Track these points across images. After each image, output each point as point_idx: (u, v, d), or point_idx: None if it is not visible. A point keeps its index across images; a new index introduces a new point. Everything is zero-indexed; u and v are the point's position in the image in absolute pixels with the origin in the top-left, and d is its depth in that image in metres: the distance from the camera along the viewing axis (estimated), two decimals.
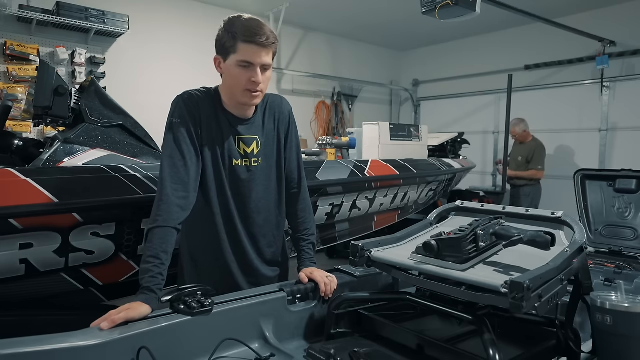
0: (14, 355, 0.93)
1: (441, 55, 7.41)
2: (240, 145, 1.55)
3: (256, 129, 1.59)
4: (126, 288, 2.09)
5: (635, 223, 2.38)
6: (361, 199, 3.12)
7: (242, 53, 1.42)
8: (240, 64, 1.43)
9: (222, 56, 1.48)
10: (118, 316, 1.12)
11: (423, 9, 3.19)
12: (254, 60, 1.43)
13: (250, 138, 1.57)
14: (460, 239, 1.17)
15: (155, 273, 1.28)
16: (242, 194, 1.56)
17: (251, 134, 1.57)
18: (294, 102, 1.83)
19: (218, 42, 1.48)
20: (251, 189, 1.57)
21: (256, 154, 1.57)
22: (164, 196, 1.38)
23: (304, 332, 1.44)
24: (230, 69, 1.46)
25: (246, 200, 1.57)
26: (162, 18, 5.22)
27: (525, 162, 5.30)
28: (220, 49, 1.47)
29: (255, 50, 1.42)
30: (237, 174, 1.55)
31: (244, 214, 1.58)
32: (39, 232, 1.72)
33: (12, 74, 4.12)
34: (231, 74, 1.46)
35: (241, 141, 1.55)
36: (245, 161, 1.55)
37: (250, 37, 1.40)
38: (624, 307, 1.16)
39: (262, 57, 1.43)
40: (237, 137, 1.55)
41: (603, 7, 5.48)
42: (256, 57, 1.42)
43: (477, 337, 1.11)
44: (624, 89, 5.41)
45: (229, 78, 1.48)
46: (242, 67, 1.43)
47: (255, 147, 1.57)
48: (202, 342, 1.19)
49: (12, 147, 2.31)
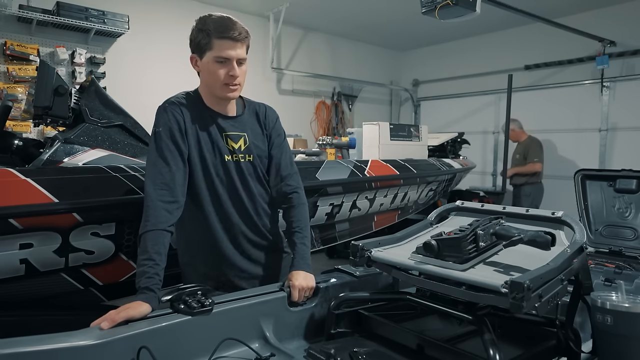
0: (14, 355, 0.94)
1: (441, 55, 7.41)
2: (228, 141, 1.59)
3: (243, 126, 1.63)
4: (126, 288, 2.08)
5: (635, 223, 2.38)
6: (361, 199, 3.12)
7: (217, 49, 1.48)
8: (217, 59, 1.49)
9: (198, 54, 1.54)
10: (118, 315, 1.12)
11: (423, 9, 3.19)
12: (230, 55, 1.49)
13: (238, 135, 1.61)
14: (461, 239, 1.17)
15: (152, 273, 1.29)
16: (234, 189, 1.60)
17: (238, 131, 1.62)
18: (294, 102, 1.84)
19: (192, 41, 1.54)
20: (243, 184, 1.61)
21: (243, 150, 1.61)
22: (149, 202, 1.41)
23: (304, 332, 1.44)
24: (207, 66, 1.52)
25: (239, 195, 1.60)
26: (162, 18, 5.22)
27: (523, 159, 5.35)
28: (196, 48, 1.53)
29: (230, 44, 1.48)
30: (228, 170, 1.58)
31: (237, 207, 1.60)
32: (39, 232, 1.71)
33: (12, 74, 4.12)
34: (209, 70, 1.52)
35: (228, 138, 1.59)
36: (234, 156, 1.59)
37: (224, 33, 1.47)
38: (624, 307, 1.16)
39: (236, 51, 1.49)
40: (224, 134, 1.59)
41: (603, 7, 5.48)
42: (231, 51, 1.48)
43: (477, 337, 1.11)
44: (624, 89, 5.41)
45: (207, 75, 1.53)
46: (218, 63, 1.49)
47: (242, 143, 1.62)
48: (202, 341, 1.19)
49: (12, 147, 2.31)
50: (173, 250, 1.56)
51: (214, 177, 1.57)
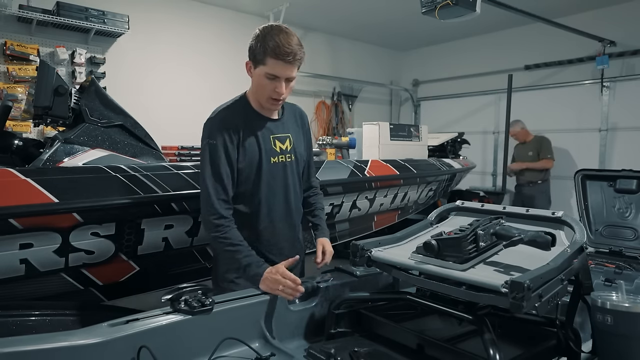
0: (15, 354, 0.94)
1: (441, 55, 7.41)
2: (276, 143, 1.72)
3: (287, 128, 1.77)
4: (126, 288, 2.09)
5: (635, 223, 2.38)
6: (361, 199, 3.12)
7: (269, 67, 1.56)
8: (267, 75, 1.58)
9: (253, 63, 1.63)
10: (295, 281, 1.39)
11: (423, 9, 3.19)
12: (280, 74, 1.58)
13: (284, 136, 1.75)
14: (461, 239, 1.17)
15: (246, 253, 1.53)
16: (278, 187, 1.72)
17: (284, 133, 1.75)
18: (294, 102, 1.86)
19: (251, 50, 1.61)
20: (287, 183, 1.74)
21: (289, 150, 1.75)
22: (215, 212, 1.58)
23: (304, 331, 1.44)
24: (258, 78, 1.62)
25: (283, 193, 1.73)
26: (162, 18, 5.22)
27: (536, 156, 5.39)
28: (252, 57, 1.62)
29: (282, 66, 1.56)
30: (276, 170, 1.70)
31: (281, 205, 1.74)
32: (39, 232, 1.72)
33: (12, 74, 4.11)
34: (258, 82, 1.62)
35: (276, 139, 1.72)
36: (281, 157, 1.72)
37: (279, 56, 1.54)
38: (624, 307, 1.16)
39: (287, 72, 1.58)
40: (271, 137, 1.71)
41: (603, 7, 5.48)
42: (282, 71, 1.57)
43: (477, 337, 1.11)
44: (624, 89, 5.40)
45: (256, 85, 1.65)
46: (268, 79, 1.59)
47: (288, 144, 1.75)
48: (202, 341, 1.19)
49: (12, 147, 2.31)
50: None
51: (262, 178, 1.67)
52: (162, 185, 1.95)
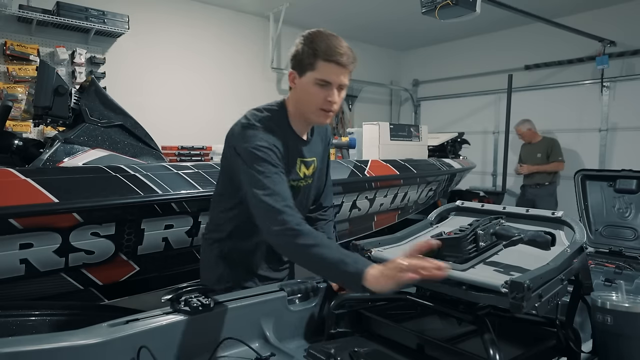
0: (14, 354, 0.93)
1: (441, 55, 7.41)
2: (301, 168, 1.53)
3: (314, 152, 1.59)
4: (126, 288, 2.09)
5: (635, 223, 2.38)
6: (361, 199, 3.12)
7: (321, 71, 1.39)
8: (318, 82, 1.40)
9: (298, 71, 1.44)
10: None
11: (423, 9, 3.19)
12: (333, 80, 1.40)
13: (310, 161, 1.57)
14: (461, 239, 1.17)
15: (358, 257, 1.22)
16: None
17: (311, 156, 1.57)
18: None
19: (295, 57, 1.43)
20: (301, 206, 1.55)
21: (310, 175, 1.57)
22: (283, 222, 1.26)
23: (304, 331, 1.43)
24: (305, 86, 1.42)
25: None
26: (162, 18, 5.22)
27: (545, 158, 5.33)
28: (297, 65, 1.43)
29: (335, 69, 1.39)
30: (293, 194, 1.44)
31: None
32: (39, 232, 1.72)
33: (12, 74, 4.12)
34: (307, 91, 1.42)
35: (303, 164, 1.54)
36: (301, 182, 1.54)
37: (332, 56, 1.38)
38: (624, 307, 1.16)
39: (340, 77, 1.41)
40: (299, 160, 1.52)
41: (603, 7, 5.48)
42: (335, 77, 1.40)
43: (477, 337, 1.11)
44: (624, 89, 5.40)
45: (304, 95, 1.44)
46: (318, 86, 1.40)
47: (312, 169, 1.58)
48: (202, 341, 1.19)
49: (12, 147, 2.31)
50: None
51: None
52: (162, 185, 1.95)
